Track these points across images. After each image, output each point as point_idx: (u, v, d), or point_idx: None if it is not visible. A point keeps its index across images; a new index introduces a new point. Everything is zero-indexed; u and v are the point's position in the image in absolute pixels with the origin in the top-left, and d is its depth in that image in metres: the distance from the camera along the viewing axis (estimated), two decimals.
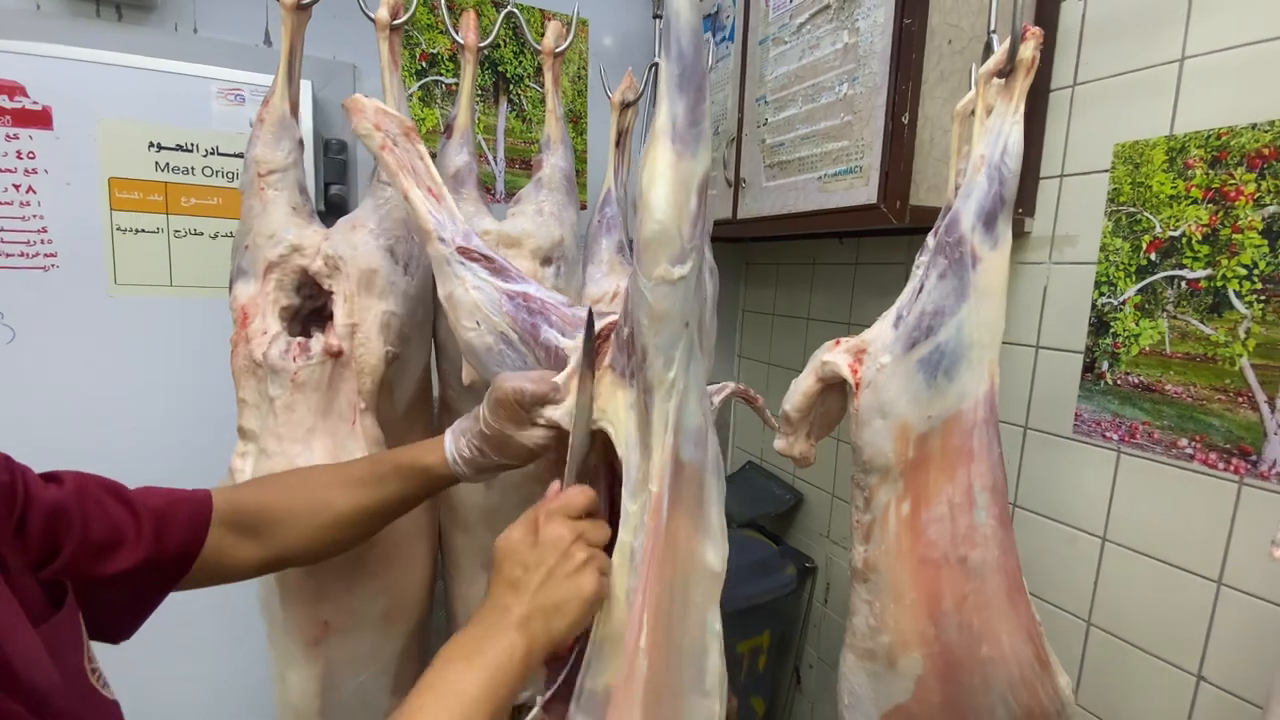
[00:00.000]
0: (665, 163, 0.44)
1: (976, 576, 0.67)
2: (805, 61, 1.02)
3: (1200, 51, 0.79)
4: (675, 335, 0.49)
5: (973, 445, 0.66)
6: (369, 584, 0.76)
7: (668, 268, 0.46)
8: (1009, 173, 0.64)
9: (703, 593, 0.56)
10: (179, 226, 1.07)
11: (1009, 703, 0.68)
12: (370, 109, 0.64)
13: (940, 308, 0.66)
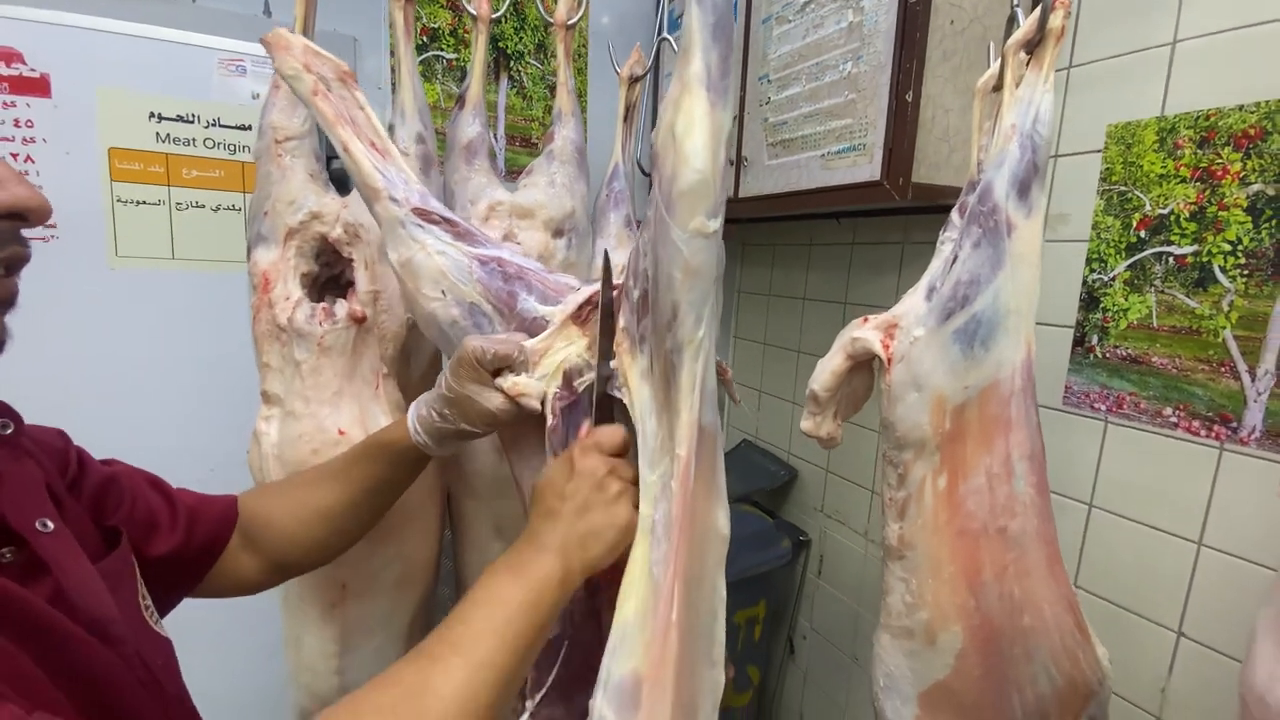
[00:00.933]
0: (702, 111, 0.44)
1: (1016, 546, 0.67)
2: (809, 40, 1.03)
3: (1191, 35, 0.82)
4: (706, 292, 0.48)
5: (1011, 414, 0.66)
6: (385, 549, 0.77)
7: (704, 220, 0.45)
8: (1041, 140, 0.65)
9: (714, 557, 0.56)
10: (180, 199, 1.06)
11: (1051, 672, 0.68)
12: (298, 46, 0.57)
13: (976, 277, 0.66)
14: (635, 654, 0.49)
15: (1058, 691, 0.67)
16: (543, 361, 0.57)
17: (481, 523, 0.87)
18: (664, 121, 0.46)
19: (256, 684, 1.22)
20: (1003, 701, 0.68)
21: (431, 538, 0.84)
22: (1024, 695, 0.68)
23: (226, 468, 1.16)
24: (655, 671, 0.49)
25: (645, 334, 0.53)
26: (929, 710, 0.73)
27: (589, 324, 0.56)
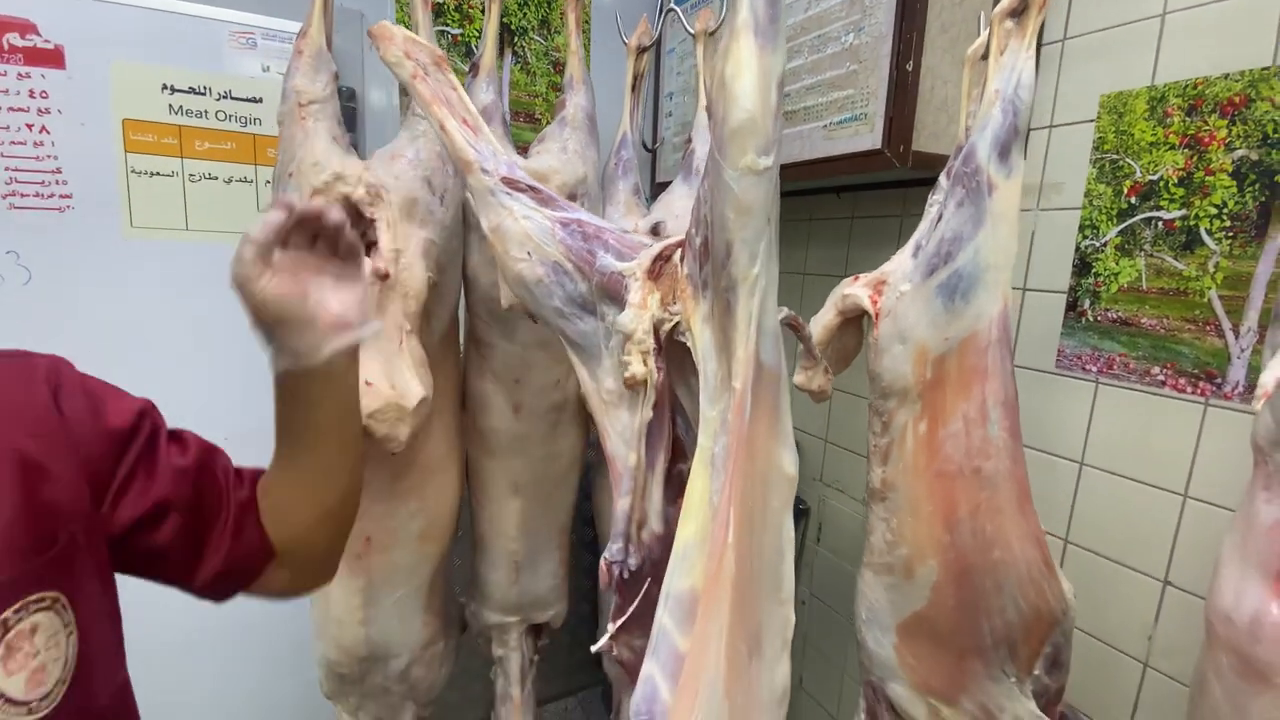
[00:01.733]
0: (750, 53, 0.45)
1: (989, 486, 0.72)
2: (811, 13, 1.06)
3: (1180, 7, 0.85)
4: (760, 229, 0.49)
5: (987, 363, 0.71)
6: (407, 503, 0.80)
7: (754, 158, 0.47)
8: (1022, 104, 0.69)
9: (780, 498, 0.57)
10: (193, 170, 1.07)
11: (1018, 602, 0.73)
12: (399, 36, 0.64)
13: (959, 234, 0.71)
14: (693, 572, 0.53)
15: (1024, 620, 0.72)
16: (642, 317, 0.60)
17: (499, 480, 0.90)
18: (716, 71, 0.48)
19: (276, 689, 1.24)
20: (974, 629, 0.73)
21: (452, 493, 0.87)
22: (993, 623, 0.72)
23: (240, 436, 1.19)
24: (711, 588, 0.52)
25: (707, 279, 0.55)
26: (906, 638, 0.78)
27: (662, 278, 0.59)
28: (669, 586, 0.54)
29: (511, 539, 0.90)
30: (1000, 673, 0.75)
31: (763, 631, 0.57)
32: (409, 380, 0.67)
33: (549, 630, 1.06)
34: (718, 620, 0.52)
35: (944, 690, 0.77)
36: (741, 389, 0.52)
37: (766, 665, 0.57)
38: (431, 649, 0.90)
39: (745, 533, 0.54)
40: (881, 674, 0.84)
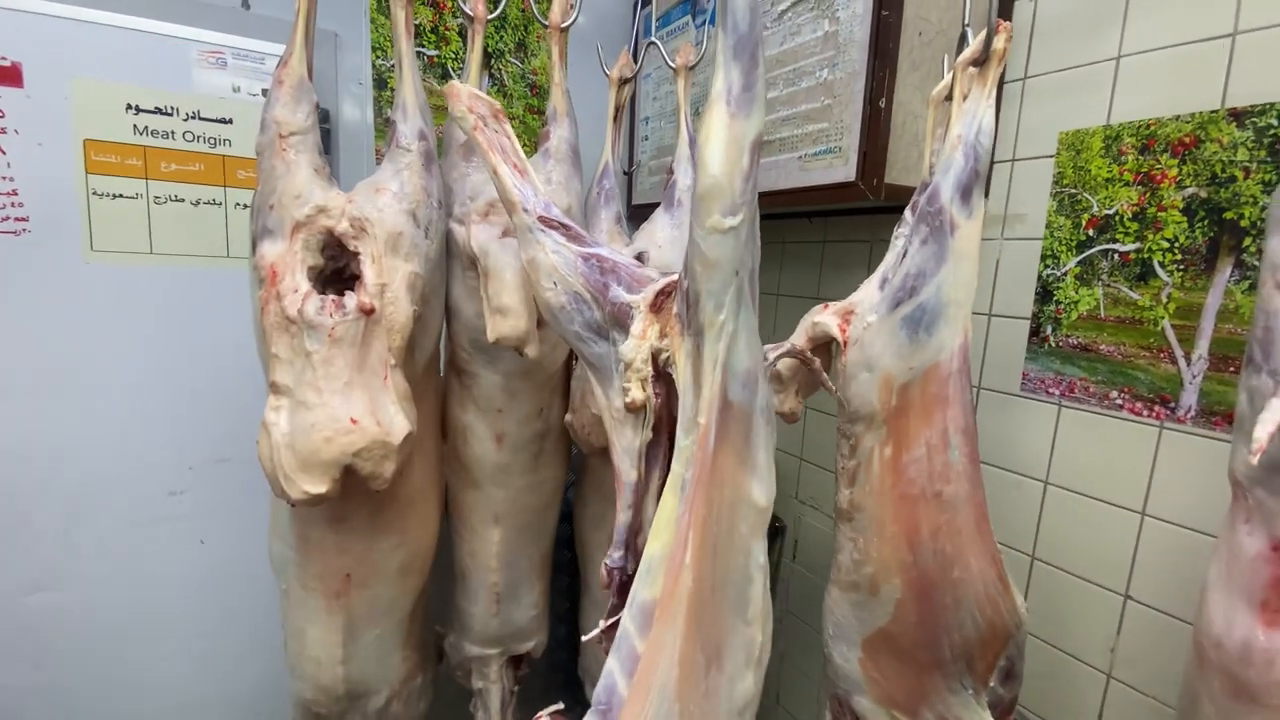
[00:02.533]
0: (720, 124, 0.50)
1: (950, 509, 0.76)
2: (786, 47, 1.08)
3: (1134, 51, 0.90)
4: (726, 281, 0.53)
5: (948, 392, 0.75)
6: (389, 537, 0.79)
7: (719, 218, 0.51)
8: (983, 150, 0.72)
9: (748, 525, 0.60)
10: (159, 192, 1.04)
11: (975, 618, 0.78)
12: (465, 94, 0.72)
13: (923, 270, 0.74)
14: (655, 585, 0.57)
15: (981, 634, 0.75)
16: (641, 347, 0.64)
17: (480, 511, 0.89)
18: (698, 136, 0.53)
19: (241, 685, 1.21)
20: (934, 644, 0.76)
21: (432, 525, 0.85)
22: (952, 638, 0.75)
23: (206, 467, 1.16)
24: (667, 601, 0.56)
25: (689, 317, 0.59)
26: (871, 653, 0.81)
27: (661, 312, 0.62)
28: (634, 594, 0.59)
29: (492, 570, 0.89)
30: (959, 685, 0.78)
31: (725, 647, 0.60)
32: (394, 416, 0.66)
33: (529, 660, 1.05)
34: (672, 629, 0.56)
35: (906, 703, 0.80)
36: (705, 424, 0.56)
37: (727, 678, 0.60)
38: (411, 684, 0.89)
39: (708, 554, 0.58)
40: (847, 687, 0.86)
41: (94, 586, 1.09)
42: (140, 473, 1.10)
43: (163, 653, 1.16)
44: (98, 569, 1.08)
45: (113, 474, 1.08)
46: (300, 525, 0.76)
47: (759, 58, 0.49)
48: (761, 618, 0.63)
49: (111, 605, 1.10)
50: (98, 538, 1.08)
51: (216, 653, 1.18)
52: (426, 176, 0.73)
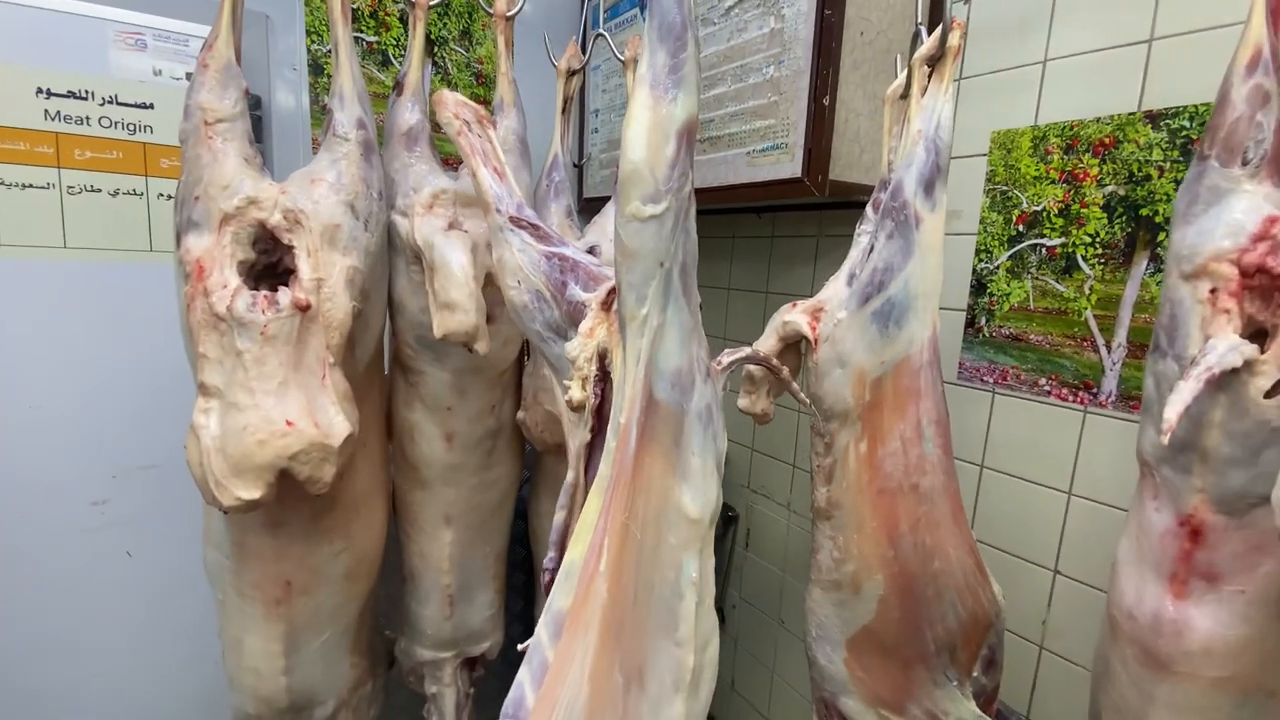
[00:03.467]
0: (642, 107, 0.48)
1: (927, 500, 0.76)
2: (733, 43, 1.09)
3: (1059, 55, 0.95)
4: (648, 272, 0.51)
5: (920, 384, 0.76)
6: (331, 542, 0.76)
7: (639, 205, 0.49)
8: (943, 144, 0.74)
9: (678, 536, 0.57)
10: (73, 182, 0.97)
11: (957, 608, 0.78)
12: (452, 101, 0.72)
13: (890, 264, 0.75)
14: (570, 593, 0.55)
15: (962, 625, 0.77)
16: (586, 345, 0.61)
17: (430, 511, 0.87)
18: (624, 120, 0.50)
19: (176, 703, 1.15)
20: (918, 638, 0.78)
21: (378, 528, 0.83)
22: (935, 631, 0.77)
23: (131, 474, 1.09)
24: (578, 610, 0.54)
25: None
26: (856, 653, 0.82)
27: (611, 310, 0.60)
28: (550, 601, 0.57)
29: (444, 572, 0.87)
30: (943, 677, 0.80)
31: (648, 667, 0.57)
32: (333, 417, 0.64)
33: (484, 661, 1.04)
34: (583, 641, 0.54)
35: (893, 700, 0.82)
36: (625, 423, 0.54)
37: (650, 702, 0.57)
38: (360, 692, 0.86)
39: (629, 563, 0.55)
40: (833, 689, 0.87)
41: (11, 606, 1.01)
42: (59, 483, 1.03)
43: (89, 672, 1.09)
44: (15, 586, 1.01)
45: (28, 485, 1.00)
46: (236, 532, 0.73)
47: (687, 40, 0.47)
48: (695, 640, 0.59)
49: (31, 624, 1.03)
50: (13, 553, 1.01)
51: (148, 670, 1.12)
52: (365, 167, 0.71)
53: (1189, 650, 0.54)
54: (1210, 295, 0.54)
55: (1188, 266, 0.56)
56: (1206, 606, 0.54)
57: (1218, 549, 0.54)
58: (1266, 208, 0.51)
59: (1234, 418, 0.52)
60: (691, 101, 0.49)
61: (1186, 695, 0.55)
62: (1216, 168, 0.55)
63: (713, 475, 0.59)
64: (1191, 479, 0.56)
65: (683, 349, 0.55)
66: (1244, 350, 0.49)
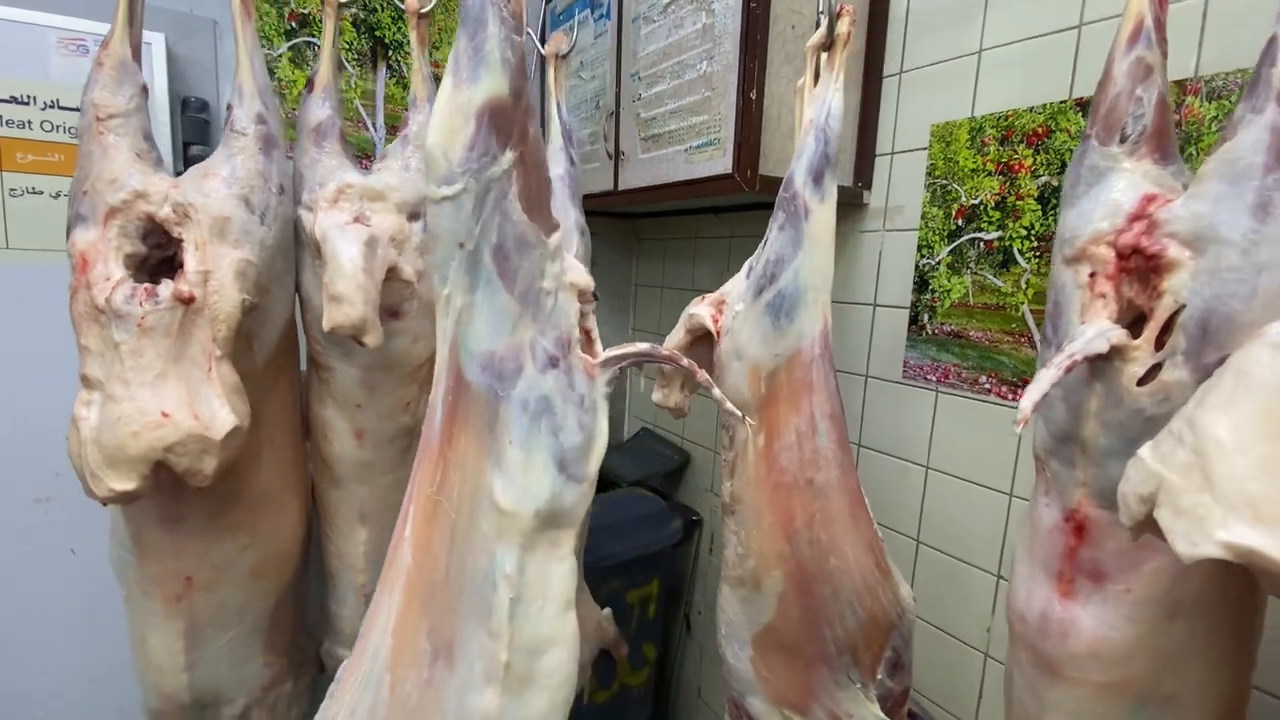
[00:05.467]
0: (441, 94, 0.49)
1: (822, 496, 0.75)
2: (671, 40, 1.09)
3: (993, 44, 0.93)
4: (447, 253, 0.51)
5: (812, 378, 0.74)
6: (236, 538, 0.76)
7: (434, 188, 0.50)
8: (833, 133, 0.73)
9: (490, 524, 0.56)
10: (15, 184, 0.99)
11: (855, 608, 0.76)
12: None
13: (781, 256, 0.74)
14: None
15: (862, 625, 0.75)
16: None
17: (344, 510, 0.86)
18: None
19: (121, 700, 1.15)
20: (818, 637, 0.75)
21: (290, 525, 0.83)
22: (835, 631, 0.75)
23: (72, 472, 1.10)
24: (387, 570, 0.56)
25: None
26: (760, 651, 0.80)
27: None
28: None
29: (360, 571, 0.87)
30: (846, 679, 0.78)
31: (458, 648, 0.57)
32: (217, 409, 0.64)
33: None
34: (389, 599, 0.56)
35: (797, 700, 0.79)
36: (432, 398, 0.55)
37: (458, 682, 0.57)
38: (275, 691, 0.85)
39: (437, 536, 0.56)
40: (741, 688, 0.86)
41: None
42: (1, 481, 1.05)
43: (35, 669, 1.10)
44: None
45: None
46: (135, 526, 0.73)
47: (487, 19, 0.48)
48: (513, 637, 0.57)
49: None
50: None
51: (94, 667, 1.13)
52: (264, 160, 0.71)
53: (1075, 653, 0.51)
54: (1090, 279, 0.51)
55: (1068, 250, 0.54)
56: (1093, 606, 0.51)
57: (1102, 545, 0.51)
58: (1145, 185, 0.49)
59: (1109, 407, 0.49)
60: (494, 80, 0.49)
61: (1077, 701, 0.52)
62: (1096, 146, 0.53)
63: (542, 471, 0.57)
64: (1075, 472, 0.53)
65: (497, 333, 0.54)
66: (1111, 335, 0.47)
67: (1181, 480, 0.34)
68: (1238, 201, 0.40)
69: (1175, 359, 0.43)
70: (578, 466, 0.60)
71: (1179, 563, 0.45)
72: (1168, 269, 0.44)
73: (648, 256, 1.77)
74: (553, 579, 0.60)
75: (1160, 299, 0.45)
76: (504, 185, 0.51)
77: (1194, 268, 0.43)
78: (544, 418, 0.56)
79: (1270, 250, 0.39)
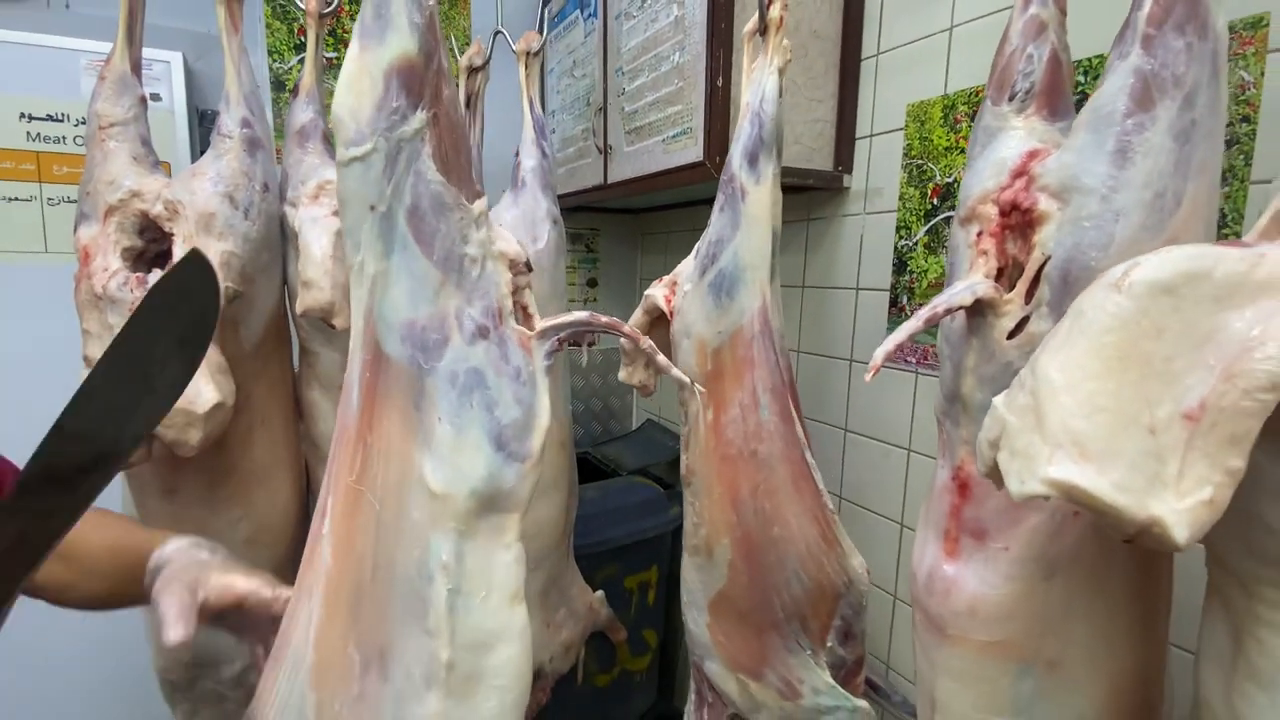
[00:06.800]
0: (349, 57, 0.50)
1: (765, 467, 0.77)
2: (649, 33, 1.11)
3: (964, 20, 0.92)
4: (359, 217, 0.50)
5: (754, 354, 0.76)
6: (229, 510, 0.83)
7: (342, 150, 0.49)
8: (767, 117, 0.74)
9: (422, 511, 0.52)
10: (52, 194, 1.10)
11: (800, 576, 0.78)
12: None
13: (721, 237, 0.77)
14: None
15: (808, 593, 0.76)
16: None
17: None
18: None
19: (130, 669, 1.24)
20: (767, 604, 0.77)
21: (283, 500, 0.89)
22: (782, 598, 0.76)
23: None
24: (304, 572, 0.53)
25: None
26: (716, 617, 0.82)
27: None
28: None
29: None
30: (796, 645, 0.79)
31: (391, 653, 0.53)
32: (201, 386, 0.70)
33: None
34: (307, 605, 0.51)
35: (750, 665, 0.81)
36: (348, 375, 0.53)
37: (394, 692, 0.52)
38: None
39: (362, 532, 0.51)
40: (699, 653, 0.88)
41: None
42: None
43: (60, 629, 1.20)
44: None
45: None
46: (137, 495, 0.80)
47: None
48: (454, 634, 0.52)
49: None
50: None
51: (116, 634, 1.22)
52: (248, 160, 0.77)
53: (956, 610, 0.51)
54: (977, 238, 0.52)
55: (962, 211, 0.54)
56: (974, 565, 0.51)
57: (984, 503, 0.51)
58: (1031, 142, 0.49)
59: (983, 361, 0.49)
60: (402, 40, 0.49)
61: (962, 661, 0.52)
62: (989, 106, 0.53)
63: (476, 449, 0.53)
64: (960, 430, 0.53)
65: (417, 301, 0.52)
66: (978, 289, 0.47)
67: (1019, 421, 0.34)
68: (1099, 150, 0.40)
69: (1041, 310, 0.43)
70: (518, 444, 0.56)
71: (1055, 521, 0.45)
72: (1039, 222, 0.44)
73: (651, 250, 1.80)
74: (497, 568, 0.55)
75: (1033, 252, 0.45)
76: (416, 145, 0.50)
77: (1060, 219, 0.43)
78: (476, 391, 0.53)
79: (1127, 196, 0.39)
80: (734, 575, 0.79)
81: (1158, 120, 0.38)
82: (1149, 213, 0.38)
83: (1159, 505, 0.32)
